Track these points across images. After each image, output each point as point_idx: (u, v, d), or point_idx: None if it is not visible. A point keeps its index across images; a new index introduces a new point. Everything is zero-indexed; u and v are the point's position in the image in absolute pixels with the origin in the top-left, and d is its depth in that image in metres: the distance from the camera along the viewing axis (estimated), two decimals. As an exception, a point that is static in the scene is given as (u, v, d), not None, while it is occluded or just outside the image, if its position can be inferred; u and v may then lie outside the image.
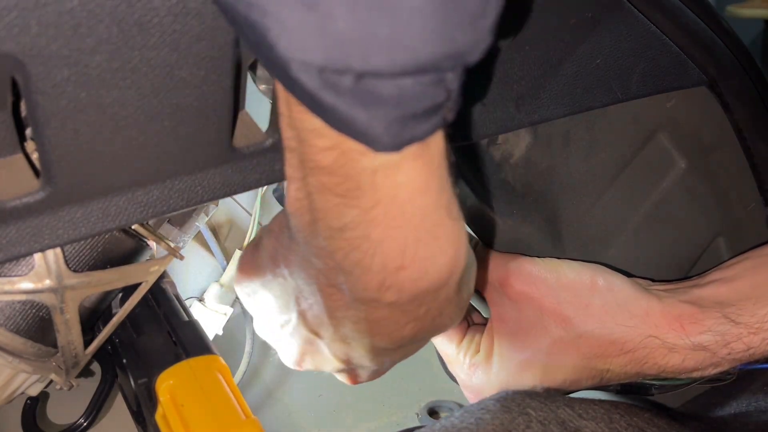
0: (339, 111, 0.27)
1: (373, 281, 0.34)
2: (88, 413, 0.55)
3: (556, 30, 0.44)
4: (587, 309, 0.49)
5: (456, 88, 0.29)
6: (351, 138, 0.29)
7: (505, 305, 0.51)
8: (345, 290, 0.36)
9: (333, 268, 0.35)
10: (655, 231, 0.54)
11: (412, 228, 0.32)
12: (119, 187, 0.36)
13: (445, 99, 0.29)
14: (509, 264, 0.51)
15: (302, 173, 0.32)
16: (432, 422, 0.45)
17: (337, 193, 0.31)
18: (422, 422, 0.78)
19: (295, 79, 0.27)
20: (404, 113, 0.28)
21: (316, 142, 0.30)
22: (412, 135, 0.29)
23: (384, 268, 0.33)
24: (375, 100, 0.27)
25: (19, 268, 0.45)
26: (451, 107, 0.29)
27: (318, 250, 0.35)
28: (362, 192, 0.31)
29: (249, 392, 0.81)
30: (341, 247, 0.33)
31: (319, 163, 0.31)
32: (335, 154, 0.30)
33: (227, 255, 0.77)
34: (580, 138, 0.53)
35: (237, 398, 0.52)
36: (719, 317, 0.47)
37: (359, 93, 0.27)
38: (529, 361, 0.50)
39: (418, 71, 0.27)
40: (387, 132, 0.28)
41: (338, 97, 0.27)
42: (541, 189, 0.55)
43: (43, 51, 0.30)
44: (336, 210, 0.32)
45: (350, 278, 0.35)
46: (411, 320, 0.37)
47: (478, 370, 0.52)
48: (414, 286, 0.34)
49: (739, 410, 0.52)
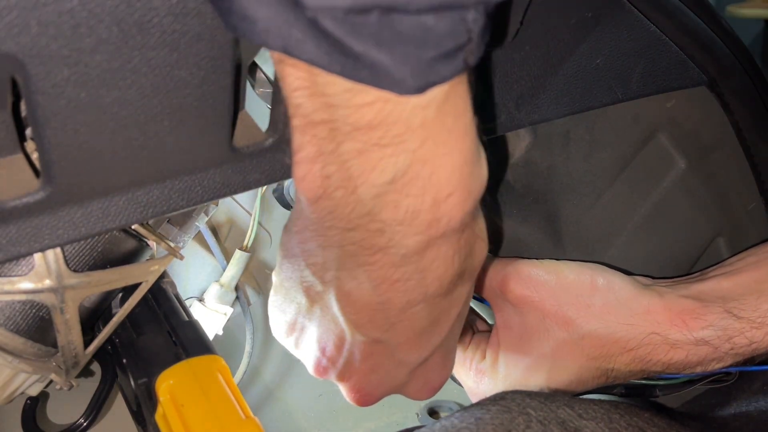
0: (366, 57, 0.28)
1: (424, 222, 0.34)
2: (88, 413, 0.55)
3: (556, 30, 0.44)
4: (589, 309, 0.49)
5: (478, 29, 0.29)
6: (376, 86, 0.29)
7: (509, 311, 0.51)
8: (391, 250, 0.36)
9: (377, 230, 0.35)
10: (655, 231, 0.54)
11: (458, 151, 0.33)
12: (119, 187, 0.36)
13: (466, 40, 0.29)
14: (507, 268, 0.51)
15: (334, 143, 0.32)
16: (432, 422, 0.45)
17: (383, 144, 0.31)
18: (422, 422, 0.78)
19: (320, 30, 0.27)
20: (427, 54, 0.28)
21: (353, 101, 0.30)
22: (436, 77, 0.29)
23: (435, 202, 0.34)
24: (399, 39, 0.28)
25: (19, 268, 0.45)
26: (472, 50, 0.30)
27: (357, 220, 0.35)
28: (411, 134, 0.31)
29: (249, 392, 0.81)
30: (391, 200, 0.33)
31: (358, 122, 0.31)
32: (378, 106, 0.30)
33: (227, 255, 0.77)
34: (580, 138, 0.53)
35: (237, 398, 0.52)
36: (721, 312, 0.47)
37: (384, 32, 0.27)
38: (535, 365, 0.50)
39: (441, 7, 0.27)
40: (411, 74, 0.29)
41: (365, 42, 0.27)
42: (541, 189, 0.55)
43: (43, 51, 0.30)
44: (381, 164, 0.32)
45: (399, 230, 0.35)
46: (456, 250, 0.37)
47: (485, 377, 0.52)
48: (461, 209, 0.35)
49: (739, 410, 0.52)
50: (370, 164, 0.32)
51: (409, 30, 0.28)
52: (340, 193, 0.34)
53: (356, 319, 0.40)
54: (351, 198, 0.34)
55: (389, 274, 0.37)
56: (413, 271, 0.37)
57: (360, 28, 0.27)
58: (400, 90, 0.29)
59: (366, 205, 0.34)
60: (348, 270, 0.38)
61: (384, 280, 0.37)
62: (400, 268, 0.37)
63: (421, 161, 0.32)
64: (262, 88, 0.43)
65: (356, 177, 0.33)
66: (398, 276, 0.37)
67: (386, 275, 0.37)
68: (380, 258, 0.36)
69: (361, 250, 0.36)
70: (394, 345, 0.41)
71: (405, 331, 0.40)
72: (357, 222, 0.35)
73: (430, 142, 0.32)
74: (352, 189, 0.33)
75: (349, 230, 0.35)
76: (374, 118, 0.31)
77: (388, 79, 0.29)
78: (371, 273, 0.37)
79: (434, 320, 0.41)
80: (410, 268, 0.37)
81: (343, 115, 0.31)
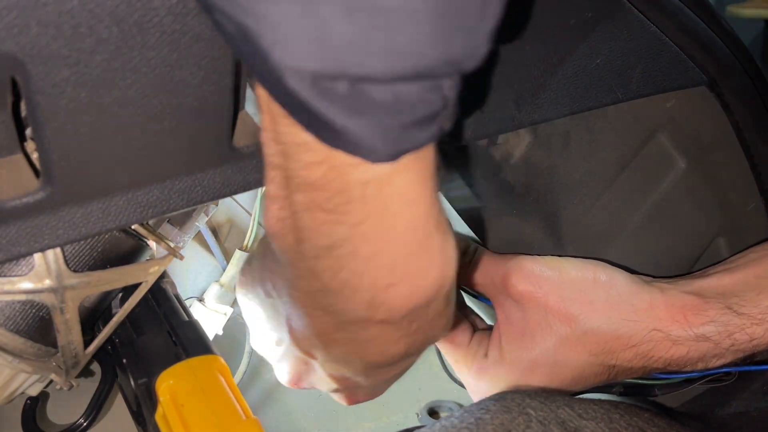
0: (333, 121, 0.27)
1: (362, 300, 0.33)
2: (88, 413, 0.55)
3: (556, 30, 0.44)
4: (591, 305, 0.49)
5: (453, 96, 0.28)
6: (344, 150, 0.28)
7: (510, 307, 0.51)
8: (333, 312, 0.35)
9: (320, 290, 0.34)
10: (655, 231, 0.54)
11: (402, 242, 0.32)
12: (119, 187, 0.36)
13: (441, 107, 0.28)
14: (509, 263, 0.51)
15: (287, 191, 0.31)
16: (432, 422, 0.45)
17: (326, 209, 0.30)
18: (422, 422, 0.78)
19: (287, 88, 0.26)
20: (400, 121, 0.27)
21: (303, 156, 0.29)
22: (408, 144, 0.28)
23: (373, 286, 0.33)
24: (370, 107, 0.27)
25: (19, 268, 0.45)
26: (447, 116, 0.29)
27: (304, 272, 0.34)
28: (352, 206, 0.30)
29: (249, 392, 0.81)
30: (329, 266, 0.32)
31: (306, 179, 0.30)
32: (324, 169, 0.29)
33: (227, 255, 0.77)
34: (580, 138, 0.53)
35: (237, 398, 0.52)
36: (722, 308, 0.47)
37: (354, 100, 0.26)
38: (537, 361, 0.50)
39: (415, 77, 0.26)
40: (382, 141, 0.28)
41: (332, 106, 0.26)
42: (541, 189, 0.55)
43: (43, 51, 0.30)
44: (323, 227, 0.31)
45: (338, 299, 0.34)
46: (402, 336, 0.36)
47: (487, 374, 0.52)
48: (405, 302, 0.33)
49: (739, 410, 0.52)
50: (314, 223, 0.31)
51: (381, 97, 0.26)
52: (290, 239, 0.33)
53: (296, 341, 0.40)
54: (299, 248, 0.33)
55: (329, 332, 0.37)
56: (353, 339, 0.36)
57: (328, 93, 0.26)
58: (371, 157, 0.28)
59: (309, 261, 0.33)
60: (296, 309, 0.38)
61: (323, 334, 0.37)
62: (339, 331, 0.36)
63: (361, 239, 0.31)
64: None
65: (302, 230, 0.32)
66: (338, 337, 0.37)
67: (326, 331, 0.37)
68: (322, 315, 0.36)
69: (306, 299, 0.36)
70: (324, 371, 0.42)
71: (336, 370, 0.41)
72: (303, 273, 0.34)
73: (372, 221, 0.31)
74: (299, 240, 0.33)
75: (297, 278, 0.35)
76: (320, 179, 0.30)
77: (357, 144, 0.28)
78: (313, 323, 0.37)
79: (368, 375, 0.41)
80: (350, 336, 0.36)
81: (294, 168, 0.30)
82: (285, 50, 0.25)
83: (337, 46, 0.25)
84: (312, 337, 0.38)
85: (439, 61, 0.26)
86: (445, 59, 0.26)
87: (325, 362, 0.40)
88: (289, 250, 0.34)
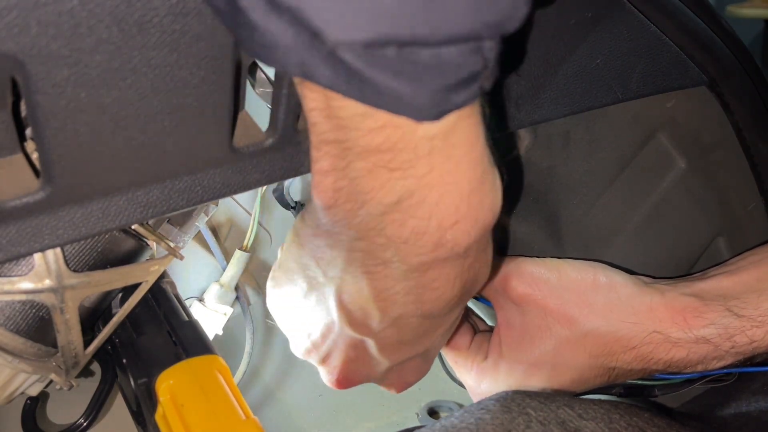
0: (384, 86, 0.28)
1: (429, 243, 0.35)
2: (88, 413, 0.55)
3: (556, 30, 0.44)
4: (591, 307, 0.49)
5: (493, 57, 0.30)
6: (394, 113, 0.30)
7: (510, 309, 0.51)
8: (394, 264, 0.36)
9: (382, 244, 0.36)
10: (655, 231, 0.54)
11: (466, 182, 0.34)
12: (119, 187, 0.36)
13: (482, 68, 0.30)
14: (509, 266, 0.51)
15: (345, 161, 0.33)
16: (432, 422, 0.45)
17: (391, 167, 0.32)
18: (422, 422, 0.78)
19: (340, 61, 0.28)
20: (445, 83, 0.29)
21: (364, 125, 0.31)
22: (453, 104, 0.30)
23: (440, 227, 0.34)
24: (417, 70, 0.28)
25: (19, 268, 0.45)
26: (488, 76, 0.30)
27: (365, 233, 0.35)
28: (418, 160, 0.32)
29: (249, 392, 0.81)
30: (395, 219, 0.34)
31: (368, 145, 0.32)
32: (387, 132, 0.31)
33: (227, 255, 0.77)
34: (580, 138, 0.53)
35: (237, 398, 0.52)
36: (722, 310, 0.47)
37: (402, 64, 0.28)
38: (537, 363, 0.50)
39: (458, 39, 0.28)
40: (430, 102, 0.29)
41: (383, 72, 0.28)
42: (541, 189, 0.55)
43: (43, 51, 0.30)
44: (389, 185, 0.33)
45: (404, 248, 0.35)
46: (458, 275, 0.38)
47: (487, 376, 0.52)
48: (468, 236, 0.35)
49: (739, 410, 0.52)
50: (378, 184, 0.33)
51: (427, 61, 0.28)
52: (349, 206, 0.35)
53: (349, 318, 0.41)
54: (359, 212, 0.35)
55: (389, 286, 0.38)
56: (413, 287, 0.38)
57: (378, 60, 0.28)
58: (418, 116, 0.30)
59: (372, 220, 0.35)
60: (351, 274, 0.39)
61: (383, 291, 0.38)
62: (400, 282, 0.38)
63: (427, 187, 0.33)
64: (262, 88, 0.44)
65: (365, 193, 0.34)
66: (398, 289, 0.38)
67: (386, 286, 0.38)
68: (383, 270, 0.37)
69: (365, 258, 0.37)
70: (378, 347, 0.43)
71: (390, 337, 0.42)
72: (364, 233, 0.36)
73: (438, 170, 0.33)
74: (360, 204, 0.34)
75: (356, 239, 0.36)
76: (383, 142, 0.31)
77: (407, 106, 0.29)
78: (372, 282, 0.38)
79: (421, 334, 0.42)
80: (410, 284, 0.38)
81: (354, 137, 0.32)
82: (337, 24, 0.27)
83: (386, 14, 0.26)
84: (369, 303, 0.39)
85: (482, 24, 0.28)
86: (487, 21, 0.28)
87: (381, 331, 0.41)
88: (348, 216, 0.35)
